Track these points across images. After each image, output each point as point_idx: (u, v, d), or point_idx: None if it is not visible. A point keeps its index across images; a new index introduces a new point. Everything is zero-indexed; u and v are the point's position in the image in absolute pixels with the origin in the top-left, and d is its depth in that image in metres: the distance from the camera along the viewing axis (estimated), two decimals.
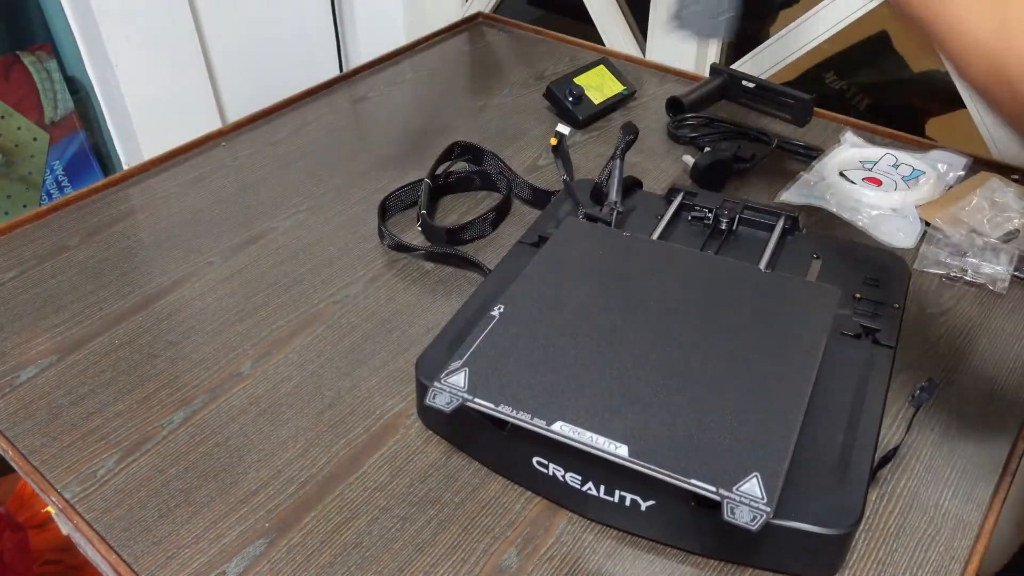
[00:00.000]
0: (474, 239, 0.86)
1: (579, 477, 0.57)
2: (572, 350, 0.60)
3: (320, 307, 0.78)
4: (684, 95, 1.04)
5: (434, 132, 1.05)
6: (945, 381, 0.69)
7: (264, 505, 0.60)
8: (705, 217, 0.80)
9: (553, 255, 0.70)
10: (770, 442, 0.53)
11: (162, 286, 0.80)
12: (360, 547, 0.57)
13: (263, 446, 0.65)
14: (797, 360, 0.59)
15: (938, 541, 0.58)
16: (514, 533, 0.58)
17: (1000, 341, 0.73)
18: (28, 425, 0.66)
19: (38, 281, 0.81)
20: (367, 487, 0.62)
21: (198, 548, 0.57)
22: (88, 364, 0.72)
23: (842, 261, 0.75)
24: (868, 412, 0.60)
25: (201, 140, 1.02)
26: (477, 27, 1.32)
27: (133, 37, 1.20)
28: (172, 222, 0.89)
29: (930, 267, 0.80)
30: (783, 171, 0.96)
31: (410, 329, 0.75)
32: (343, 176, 0.97)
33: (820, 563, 0.55)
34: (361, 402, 0.68)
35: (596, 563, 0.57)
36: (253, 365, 0.72)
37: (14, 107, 1.28)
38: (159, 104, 1.27)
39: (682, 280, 0.67)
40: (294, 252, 0.85)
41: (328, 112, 1.09)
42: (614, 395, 0.56)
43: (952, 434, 0.65)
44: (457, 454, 0.64)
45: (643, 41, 1.29)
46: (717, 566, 0.56)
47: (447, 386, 0.58)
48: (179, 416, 0.67)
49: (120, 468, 0.63)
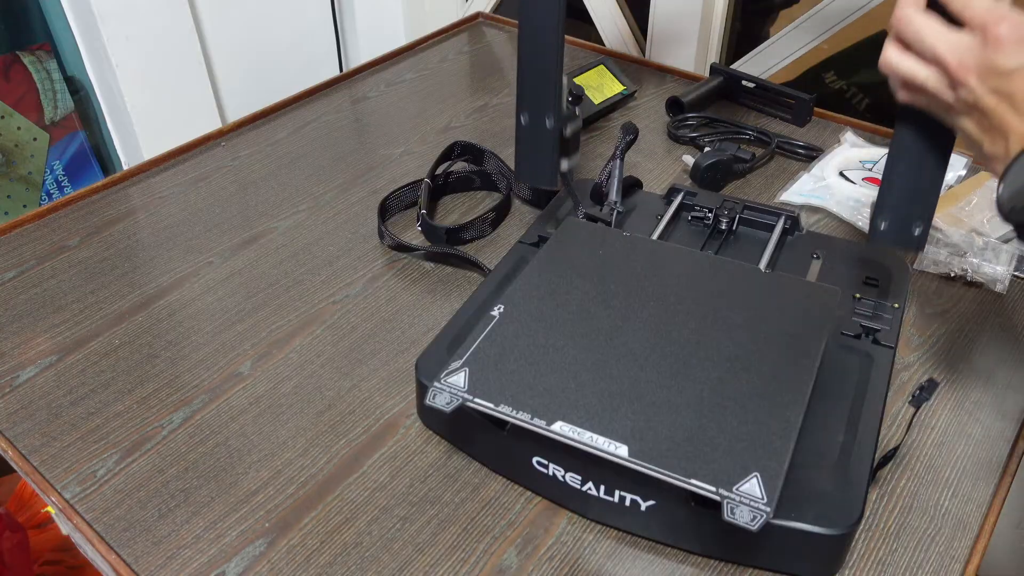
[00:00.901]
0: (474, 239, 0.86)
1: (579, 477, 0.57)
2: (572, 350, 0.60)
3: (320, 307, 0.78)
4: (684, 95, 1.04)
5: (434, 132, 1.05)
6: (945, 381, 0.69)
7: (264, 505, 0.60)
8: (705, 217, 0.80)
9: (553, 255, 0.70)
10: (770, 442, 0.53)
11: (162, 286, 0.80)
12: (360, 547, 0.57)
13: (263, 446, 0.65)
14: (797, 360, 0.59)
15: (938, 541, 0.58)
16: (514, 533, 0.58)
17: (1000, 341, 0.73)
18: (28, 425, 0.66)
19: (38, 281, 0.81)
20: (367, 487, 0.62)
21: (198, 548, 0.57)
22: (88, 364, 0.72)
23: (842, 261, 0.75)
24: (868, 412, 0.60)
25: (201, 140, 1.02)
26: (477, 27, 1.32)
27: (133, 37, 1.20)
28: (172, 222, 0.89)
29: (930, 267, 0.80)
30: (783, 171, 0.96)
31: (410, 329, 0.75)
32: (343, 176, 0.97)
33: (820, 563, 0.55)
34: (361, 402, 0.68)
35: (596, 563, 0.57)
36: (253, 365, 0.72)
37: (14, 107, 1.28)
38: (159, 104, 1.27)
39: (682, 280, 0.67)
40: (294, 252, 0.85)
41: (328, 112, 1.09)
42: (614, 395, 0.56)
43: (952, 434, 0.65)
44: (457, 454, 0.64)
45: (643, 41, 1.29)
46: (717, 566, 0.56)
47: (447, 386, 0.58)
48: (179, 416, 0.67)
49: (120, 468, 0.63)
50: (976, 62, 0.48)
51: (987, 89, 0.48)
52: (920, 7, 0.51)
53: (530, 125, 0.72)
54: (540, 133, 0.72)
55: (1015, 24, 0.47)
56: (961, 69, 0.49)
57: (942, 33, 0.50)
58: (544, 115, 0.72)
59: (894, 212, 0.61)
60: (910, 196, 0.60)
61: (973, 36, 0.49)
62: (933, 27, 0.50)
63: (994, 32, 0.47)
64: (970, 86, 0.49)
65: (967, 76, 0.49)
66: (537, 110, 0.72)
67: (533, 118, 0.72)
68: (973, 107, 0.50)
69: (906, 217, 0.61)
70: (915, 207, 0.61)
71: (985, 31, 0.48)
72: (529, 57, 0.70)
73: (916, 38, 0.51)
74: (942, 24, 0.50)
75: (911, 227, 0.62)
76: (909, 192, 0.60)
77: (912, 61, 0.52)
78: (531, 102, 0.72)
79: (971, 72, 0.48)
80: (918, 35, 0.51)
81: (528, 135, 0.73)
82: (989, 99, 0.48)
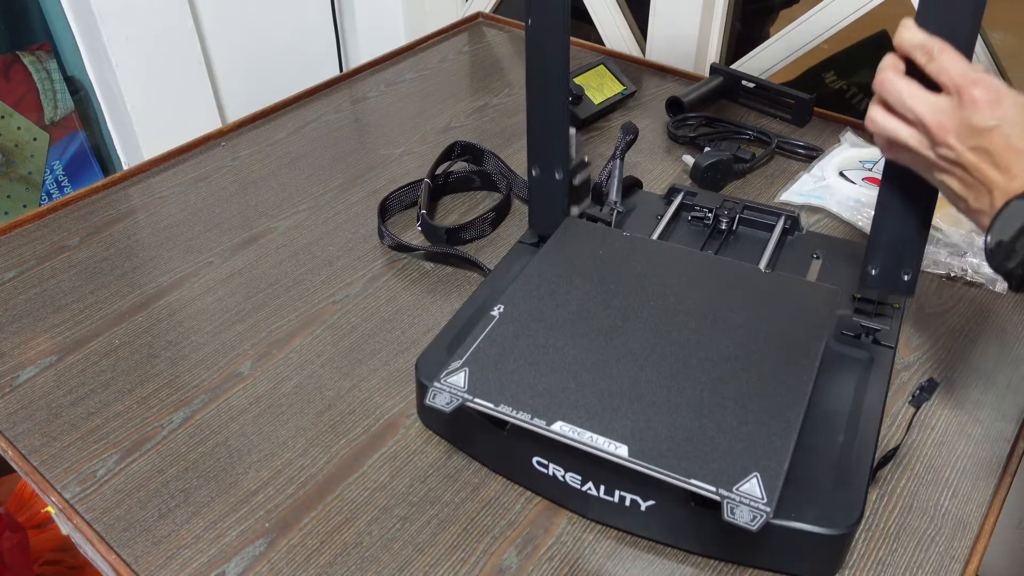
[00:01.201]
0: (474, 239, 0.86)
1: (579, 477, 0.57)
2: (572, 350, 0.60)
3: (320, 307, 0.78)
4: (684, 95, 1.04)
5: (434, 132, 1.05)
6: (945, 381, 0.69)
7: (264, 505, 0.60)
8: (705, 217, 0.80)
9: (553, 255, 0.70)
10: (770, 442, 0.53)
11: (162, 286, 0.80)
12: (360, 547, 0.57)
13: (263, 446, 0.65)
14: (797, 360, 0.59)
15: (938, 541, 0.58)
16: (514, 533, 0.58)
17: (1000, 341, 0.73)
18: (28, 425, 0.66)
19: (38, 281, 0.81)
20: (367, 487, 0.62)
21: (198, 548, 0.57)
22: (88, 364, 0.72)
23: (842, 261, 0.75)
24: (868, 412, 0.60)
25: (201, 140, 1.02)
26: (477, 27, 1.32)
27: (133, 37, 1.20)
28: (172, 222, 0.89)
29: (930, 267, 0.80)
30: (783, 171, 0.96)
31: (410, 329, 0.75)
32: (343, 176, 0.97)
33: (820, 563, 0.55)
34: (361, 402, 0.68)
35: (596, 563, 0.57)
36: (253, 365, 0.72)
37: (14, 107, 1.28)
38: (159, 104, 1.27)
39: (682, 280, 0.67)
40: (294, 252, 0.85)
41: (328, 112, 1.09)
42: (614, 395, 0.56)
43: (952, 434, 0.65)
44: (457, 454, 0.64)
45: (643, 41, 1.29)
46: (717, 566, 0.56)
47: (447, 386, 0.58)
48: (179, 416, 0.67)
49: (120, 468, 0.63)
50: (954, 123, 0.51)
51: (967, 147, 0.51)
52: (900, 71, 0.55)
53: (541, 176, 0.76)
54: (550, 184, 0.76)
55: (988, 86, 0.50)
56: (941, 129, 0.52)
57: (921, 96, 0.53)
58: (554, 169, 0.75)
59: (883, 261, 0.65)
60: (898, 246, 0.64)
61: (950, 99, 0.52)
62: (913, 91, 0.53)
63: (969, 94, 0.50)
64: (950, 144, 0.52)
65: (946, 136, 0.52)
66: (547, 164, 0.75)
67: (543, 171, 0.75)
68: (955, 164, 0.52)
69: (895, 266, 0.65)
70: (903, 256, 0.64)
71: (961, 94, 0.51)
72: (537, 114, 0.73)
73: (898, 101, 0.54)
74: (921, 88, 0.53)
75: (900, 274, 0.65)
76: (897, 242, 0.63)
77: (895, 121, 0.55)
78: (540, 156, 0.75)
79: (950, 132, 0.51)
80: (899, 98, 0.54)
81: (539, 186, 0.76)
82: (969, 156, 0.51)
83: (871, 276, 0.65)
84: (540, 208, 0.77)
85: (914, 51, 0.54)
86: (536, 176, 0.76)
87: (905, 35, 0.54)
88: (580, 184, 0.78)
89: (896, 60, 0.55)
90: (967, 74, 0.51)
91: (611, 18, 1.32)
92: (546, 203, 0.76)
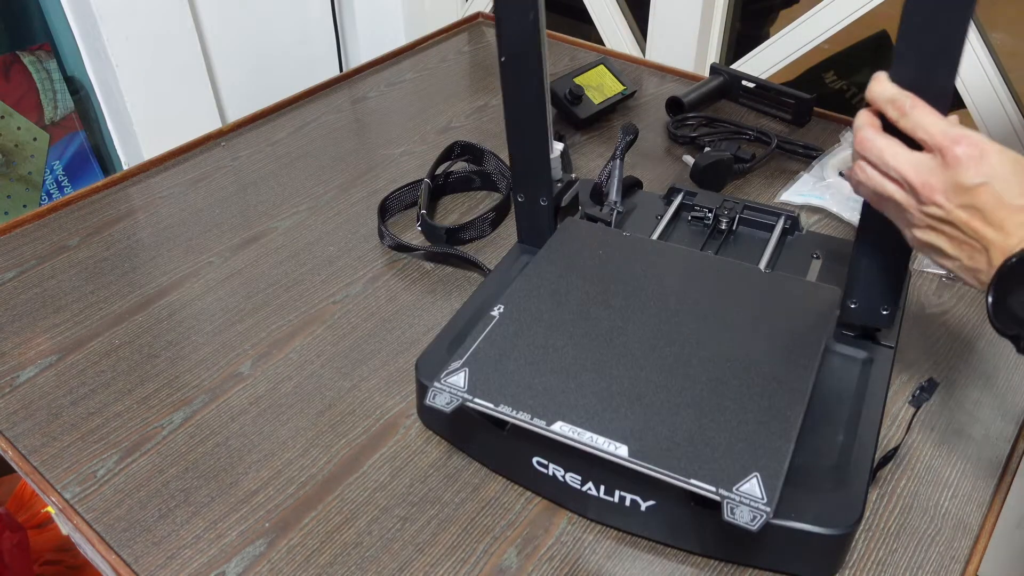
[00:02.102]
0: (474, 239, 0.86)
1: (579, 477, 0.57)
2: (572, 350, 0.60)
3: (320, 307, 0.78)
4: (684, 95, 1.04)
5: (434, 132, 1.05)
6: (945, 381, 0.69)
7: (264, 505, 0.60)
8: (705, 217, 0.80)
9: (553, 255, 0.70)
10: (770, 442, 0.53)
11: (162, 286, 0.80)
12: (360, 547, 0.57)
13: (263, 446, 0.65)
14: (797, 360, 0.59)
15: (938, 541, 0.58)
16: (514, 533, 0.58)
17: (1000, 341, 0.73)
18: (28, 425, 0.66)
19: (38, 281, 0.81)
20: (367, 487, 0.62)
21: (198, 548, 0.57)
22: (88, 364, 0.72)
23: (842, 261, 0.75)
24: (868, 412, 0.60)
25: (201, 140, 1.02)
26: (477, 27, 1.32)
27: (133, 37, 1.20)
28: (172, 222, 0.89)
29: (930, 267, 0.80)
30: (783, 171, 0.96)
31: (410, 329, 0.75)
32: (343, 176, 0.97)
33: (820, 563, 0.55)
34: (361, 402, 0.68)
35: (596, 563, 0.57)
36: (253, 365, 0.72)
37: (14, 107, 1.28)
38: (159, 104, 1.27)
39: (682, 280, 0.67)
40: (294, 252, 0.85)
41: (328, 112, 1.09)
42: (614, 395, 0.56)
43: (952, 434, 0.65)
44: (457, 454, 0.64)
45: (643, 41, 1.29)
46: (717, 566, 0.56)
47: (447, 386, 0.58)
48: (179, 416, 0.67)
49: (120, 468, 0.63)
50: (940, 182, 0.49)
51: (955, 205, 0.49)
52: (877, 127, 0.53)
53: (527, 203, 0.76)
54: (536, 210, 0.76)
55: (971, 143, 0.48)
56: (926, 188, 0.50)
57: (904, 155, 0.51)
58: (539, 197, 0.75)
59: (862, 297, 0.64)
60: (876, 283, 0.63)
61: (933, 157, 0.50)
62: (893, 149, 0.51)
63: (952, 153, 0.48)
64: (939, 203, 0.50)
65: (933, 195, 0.50)
66: (531, 191, 0.75)
67: (528, 198, 0.76)
68: (943, 222, 0.51)
69: (874, 301, 0.64)
70: (883, 292, 0.63)
71: (944, 153, 0.49)
72: (518, 147, 0.73)
73: (879, 160, 0.52)
74: (902, 145, 0.51)
75: (879, 308, 0.64)
76: (875, 280, 0.63)
77: (881, 177, 0.53)
78: (524, 185, 0.75)
79: (936, 191, 0.50)
80: (881, 158, 0.52)
81: (525, 211, 0.77)
82: (959, 214, 0.49)
83: (851, 310, 0.65)
84: (528, 229, 0.78)
85: (885, 106, 0.52)
86: (522, 202, 0.76)
87: (876, 89, 0.52)
88: (568, 204, 0.79)
89: (871, 116, 0.53)
90: (947, 132, 0.49)
91: (611, 18, 1.32)
92: (533, 227, 0.77)
